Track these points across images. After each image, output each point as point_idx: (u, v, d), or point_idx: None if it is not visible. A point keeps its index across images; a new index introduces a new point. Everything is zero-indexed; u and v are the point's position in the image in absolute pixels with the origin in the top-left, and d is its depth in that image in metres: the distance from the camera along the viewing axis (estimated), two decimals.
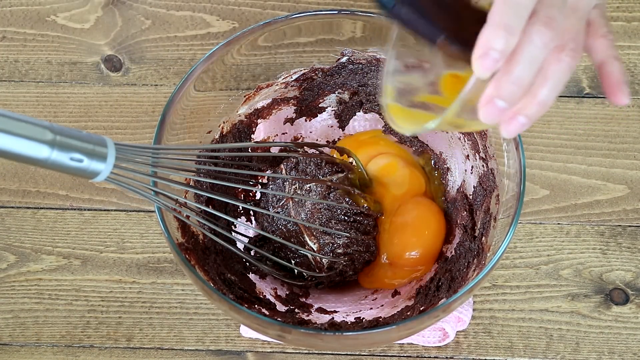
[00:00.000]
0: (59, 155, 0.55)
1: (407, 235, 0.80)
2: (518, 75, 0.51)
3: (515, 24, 0.50)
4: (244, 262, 0.80)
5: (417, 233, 0.80)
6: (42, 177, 0.91)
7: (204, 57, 0.75)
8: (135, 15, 0.98)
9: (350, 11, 0.78)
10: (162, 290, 0.86)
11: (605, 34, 0.57)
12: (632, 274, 0.85)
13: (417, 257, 0.79)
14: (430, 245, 0.80)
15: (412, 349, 0.82)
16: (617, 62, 0.57)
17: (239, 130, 0.83)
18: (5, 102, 0.94)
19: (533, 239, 0.86)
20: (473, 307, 0.83)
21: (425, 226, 0.80)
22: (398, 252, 0.79)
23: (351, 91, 0.85)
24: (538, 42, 0.51)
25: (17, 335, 0.84)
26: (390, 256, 0.80)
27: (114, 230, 0.88)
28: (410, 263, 0.80)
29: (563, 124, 0.91)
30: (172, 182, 0.71)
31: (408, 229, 0.80)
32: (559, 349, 0.82)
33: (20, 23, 0.98)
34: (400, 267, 0.80)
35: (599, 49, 0.57)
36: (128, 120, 0.93)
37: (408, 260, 0.80)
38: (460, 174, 0.82)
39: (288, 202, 0.78)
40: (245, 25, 0.96)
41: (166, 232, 0.69)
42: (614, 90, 0.57)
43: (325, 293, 0.82)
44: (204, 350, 0.83)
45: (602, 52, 0.57)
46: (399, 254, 0.79)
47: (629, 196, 0.88)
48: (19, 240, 0.88)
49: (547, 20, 0.51)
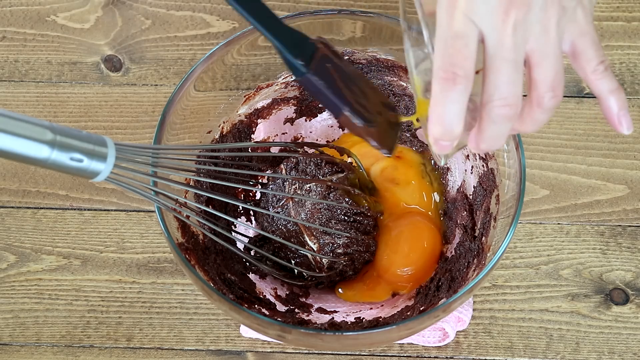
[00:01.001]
0: (59, 155, 0.55)
1: (399, 253, 0.80)
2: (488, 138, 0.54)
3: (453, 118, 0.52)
4: (244, 262, 0.80)
5: (410, 252, 0.80)
6: (42, 177, 0.91)
7: (204, 57, 0.75)
8: (135, 15, 0.98)
9: (350, 11, 0.78)
10: (162, 290, 0.86)
11: (595, 69, 0.55)
12: (632, 274, 0.85)
13: (409, 275, 0.79)
14: (420, 266, 0.80)
15: (412, 349, 0.82)
16: (612, 97, 0.56)
17: (239, 130, 0.83)
18: (5, 102, 0.94)
19: (533, 239, 0.86)
20: (473, 307, 0.83)
21: (420, 247, 0.80)
22: (386, 266, 0.79)
23: None
24: (498, 119, 0.53)
25: (17, 335, 0.84)
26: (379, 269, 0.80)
27: (114, 230, 0.88)
28: (400, 279, 0.80)
29: (563, 124, 0.91)
30: (172, 182, 0.71)
31: (401, 247, 0.80)
32: (559, 349, 0.82)
33: (20, 23, 0.98)
34: (387, 281, 0.80)
35: (592, 85, 0.56)
36: (128, 120, 0.93)
37: (398, 276, 0.80)
38: (460, 173, 0.82)
39: (288, 202, 0.78)
40: (245, 25, 0.96)
41: (166, 232, 0.69)
42: (615, 123, 0.56)
43: (325, 293, 0.82)
44: (204, 350, 0.83)
45: (595, 89, 0.56)
46: (388, 268, 0.79)
47: (629, 196, 0.88)
48: (19, 240, 0.88)
49: (502, 103, 0.52)
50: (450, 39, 0.51)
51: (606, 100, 0.56)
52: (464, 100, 0.52)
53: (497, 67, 0.51)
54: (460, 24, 0.51)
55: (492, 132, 0.53)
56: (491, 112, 0.52)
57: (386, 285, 0.80)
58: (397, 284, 0.80)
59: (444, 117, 0.52)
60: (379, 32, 0.78)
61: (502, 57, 0.51)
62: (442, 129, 0.52)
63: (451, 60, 0.51)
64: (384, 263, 0.79)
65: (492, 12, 0.50)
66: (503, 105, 0.52)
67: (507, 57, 0.51)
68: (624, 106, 0.56)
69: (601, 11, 0.96)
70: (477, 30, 0.51)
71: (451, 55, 0.51)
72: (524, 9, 0.51)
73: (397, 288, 0.80)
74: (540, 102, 0.53)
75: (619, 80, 0.92)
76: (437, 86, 0.52)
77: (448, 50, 0.51)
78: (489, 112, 0.52)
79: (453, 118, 0.52)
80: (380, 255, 0.80)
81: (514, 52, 0.51)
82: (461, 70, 0.51)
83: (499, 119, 0.52)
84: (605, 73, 0.55)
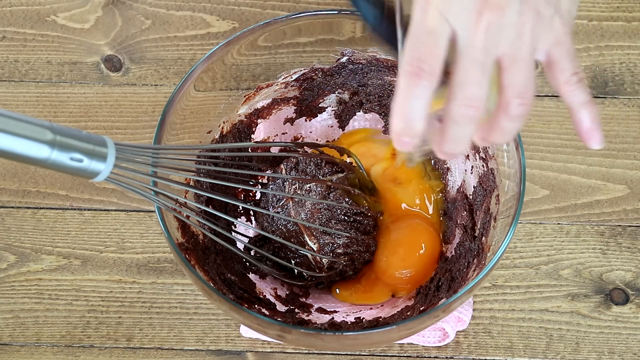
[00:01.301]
0: (59, 155, 0.55)
1: (397, 256, 0.79)
2: (450, 139, 0.53)
3: (415, 114, 0.51)
4: (244, 262, 0.80)
5: (408, 255, 0.80)
6: (42, 177, 0.91)
7: (204, 57, 0.75)
8: (135, 15, 0.98)
9: (350, 11, 0.78)
10: (162, 290, 0.86)
11: (568, 80, 0.54)
12: (632, 274, 0.85)
13: (407, 277, 0.79)
14: (417, 269, 0.80)
15: (412, 349, 0.82)
16: (584, 110, 0.55)
17: (239, 130, 0.83)
18: (5, 102, 0.94)
19: (533, 239, 0.86)
20: (473, 307, 0.83)
21: (418, 250, 0.80)
22: (384, 268, 0.79)
23: (351, 91, 0.85)
24: (459, 120, 0.52)
25: (17, 335, 0.84)
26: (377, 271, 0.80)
27: (114, 230, 0.88)
28: (397, 281, 0.80)
29: (563, 124, 0.91)
30: (172, 182, 0.71)
31: (399, 250, 0.80)
32: (559, 349, 0.82)
33: (20, 23, 0.98)
34: (385, 283, 0.80)
35: (565, 96, 0.55)
36: (128, 120, 0.93)
37: (396, 278, 0.79)
38: (460, 174, 0.82)
39: (288, 202, 0.78)
40: (245, 25, 0.96)
41: (166, 232, 0.69)
42: (585, 137, 0.56)
43: (325, 293, 0.82)
44: (204, 350, 0.83)
45: (568, 99, 0.55)
46: (386, 270, 0.79)
47: (629, 196, 0.88)
48: (19, 240, 0.88)
49: (465, 102, 0.51)
50: (421, 34, 0.51)
51: (578, 113, 0.55)
52: (428, 97, 0.51)
53: (465, 66, 0.51)
54: (434, 20, 0.50)
55: (454, 133, 0.53)
56: (453, 111, 0.52)
57: (384, 287, 0.80)
58: (395, 286, 0.80)
59: (406, 112, 0.52)
60: None
61: (470, 57, 0.51)
62: (404, 125, 0.52)
63: (419, 55, 0.51)
64: (382, 265, 0.79)
65: (466, 12, 0.50)
66: (465, 105, 0.51)
67: (476, 57, 0.51)
68: (596, 120, 0.55)
69: (601, 11, 0.96)
70: (450, 29, 0.50)
71: (419, 50, 0.51)
72: (499, 12, 0.50)
73: (395, 290, 0.80)
74: (507, 109, 0.52)
75: (619, 80, 0.92)
76: (403, 80, 0.51)
77: (417, 45, 0.51)
78: (451, 111, 0.52)
79: (415, 114, 0.51)
80: (379, 257, 0.80)
81: (483, 53, 0.50)
82: (428, 66, 0.50)
83: (461, 119, 0.52)
84: (578, 85, 0.54)
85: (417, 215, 0.82)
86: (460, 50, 0.51)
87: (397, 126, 0.52)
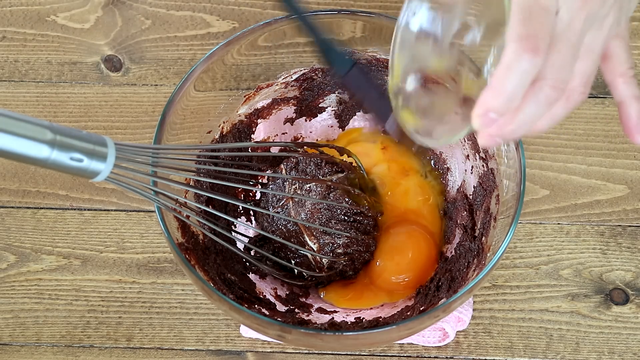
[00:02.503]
0: (59, 155, 0.55)
1: (391, 262, 0.79)
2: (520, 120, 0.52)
3: (517, 90, 0.50)
4: (244, 262, 0.80)
5: (402, 261, 0.80)
6: (42, 177, 0.91)
7: (204, 57, 0.75)
8: (135, 15, 0.98)
9: (350, 11, 0.78)
10: (162, 290, 0.86)
11: (625, 72, 0.56)
12: (632, 274, 0.85)
13: (404, 282, 0.79)
14: (412, 275, 0.80)
15: (412, 349, 0.82)
16: (635, 103, 0.56)
17: (239, 130, 0.83)
18: (5, 102, 0.94)
19: (533, 239, 0.86)
20: (473, 307, 0.83)
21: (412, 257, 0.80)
22: (378, 272, 0.79)
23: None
24: (543, 101, 0.51)
25: (17, 335, 0.84)
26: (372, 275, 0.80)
27: (114, 230, 0.88)
28: (392, 286, 0.80)
29: (563, 124, 0.91)
30: (172, 182, 0.71)
31: (394, 256, 0.80)
32: (559, 349, 0.82)
33: (20, 23, 0.98)
34: (379, 288, 0.80)
35: (618, 88, 0.56)
36: (128, 120, 0.93)
37: (391, 283, 0.79)
38: (460, 174, 0.82)
39: (288, 202, 0.78)
40: (245, 25, 0.96)
41: (166, 232, 0.69)
42: (632, 131, 0.57)
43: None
44: (204, 350, 0.83)
45: (621, 92, 0.56)
46: (380, 274, 0.79)
47: (629, 196, 0.88)
48: (19, 240, 0.88)
49: (554, 84, 0.51)
50: (536, 10, 0.49)
51: (628, 106, 0.56)
52: (534, 74, 0.50)
53: (559, 48, 0.50)
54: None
55: (529, 113, 0.51)
56: (540, 91, 0.51)
57: (378, 292, 0.80)
58: (390, 291, 0.80)
59: (511, 86, 0.49)
60: (379, 32, 0.78)
61: (569, 39, 0.50)
62: (503, 99, 0.50)
63: (534, 32, 0.49)
64: (376, 270, 0.79)
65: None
66: (553, 87, 0.50)
67: (573, 41, 0.50)
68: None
69: None
70: (556, 8, 0.50)
71: (534, 26, 0.49)
72: (600, 3, 0.51)
73: (390, 295, 0.80)
74: (570, 95, 0.52)
75: None
76: (512, 53, 0.49)
77: (533, 21, 0.49)
78: (537, 90, 0.51)
79: (519, 89, 0.49)
80: (373, 262, 0.80)
81: (579, 39, 0.51)
82: (542, 43, 0.49)
83: (543, 99, 0.51)
84: (633, 79, 0.56)
85: (414, 220, 0.82)
86: (559, 32, 0.50)
87: (496, 101, 0.50)
